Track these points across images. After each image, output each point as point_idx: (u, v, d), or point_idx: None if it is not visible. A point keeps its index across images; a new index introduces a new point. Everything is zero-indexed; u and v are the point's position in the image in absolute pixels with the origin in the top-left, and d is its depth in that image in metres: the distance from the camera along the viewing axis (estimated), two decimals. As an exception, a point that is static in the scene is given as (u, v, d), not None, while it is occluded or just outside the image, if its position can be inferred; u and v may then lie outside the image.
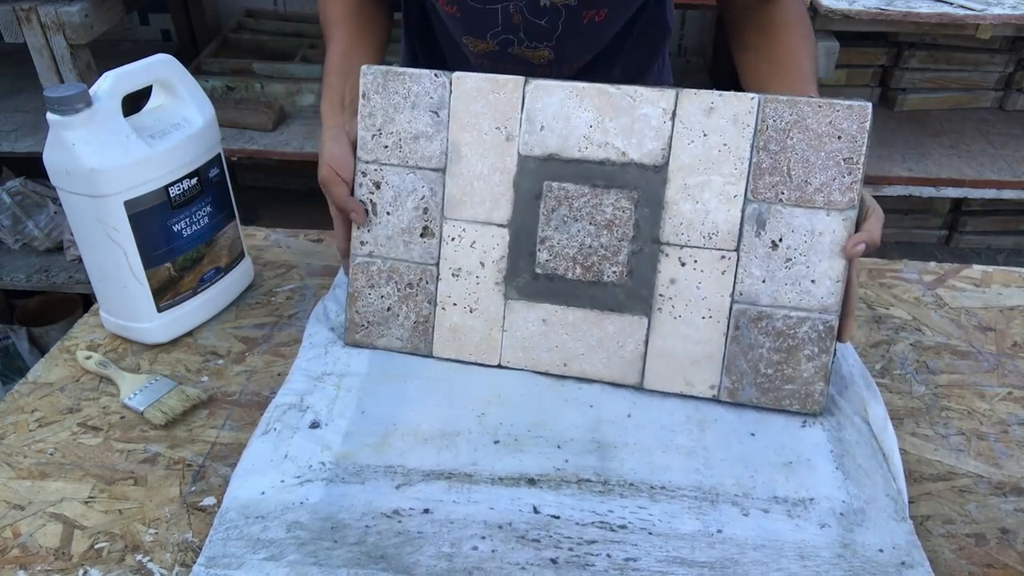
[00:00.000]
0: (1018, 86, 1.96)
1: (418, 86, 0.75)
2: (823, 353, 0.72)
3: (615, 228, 0.73)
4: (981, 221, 2.07)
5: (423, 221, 0.77)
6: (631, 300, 0.75)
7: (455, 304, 0.78)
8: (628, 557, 0.61)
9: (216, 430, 0.74)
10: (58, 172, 0.75)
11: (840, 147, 0.69)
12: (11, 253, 1.85)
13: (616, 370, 0.76)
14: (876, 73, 1.96)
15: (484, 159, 0.75)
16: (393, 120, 0.76)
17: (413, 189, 0.77)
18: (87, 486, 0.68)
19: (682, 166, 0.71)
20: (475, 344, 0.78)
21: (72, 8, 1.47)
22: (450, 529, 0.63)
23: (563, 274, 0.75)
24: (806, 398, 0.73)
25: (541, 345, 0.77)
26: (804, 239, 0.70)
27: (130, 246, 0.78)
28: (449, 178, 0.76)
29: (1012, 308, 0.91)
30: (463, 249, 0.77)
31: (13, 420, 0.75)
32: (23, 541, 0.63)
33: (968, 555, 0.63)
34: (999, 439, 0.74)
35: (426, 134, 0.76)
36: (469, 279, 0.77)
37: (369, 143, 0.77)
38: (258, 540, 0.62)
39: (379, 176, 0.77)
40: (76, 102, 0.72)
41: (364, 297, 0.80)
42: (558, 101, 0.73)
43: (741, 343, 0.73)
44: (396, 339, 0.80)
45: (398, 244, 0.78)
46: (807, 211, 0.70)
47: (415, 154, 0.76)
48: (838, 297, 0.71)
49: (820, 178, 0.69)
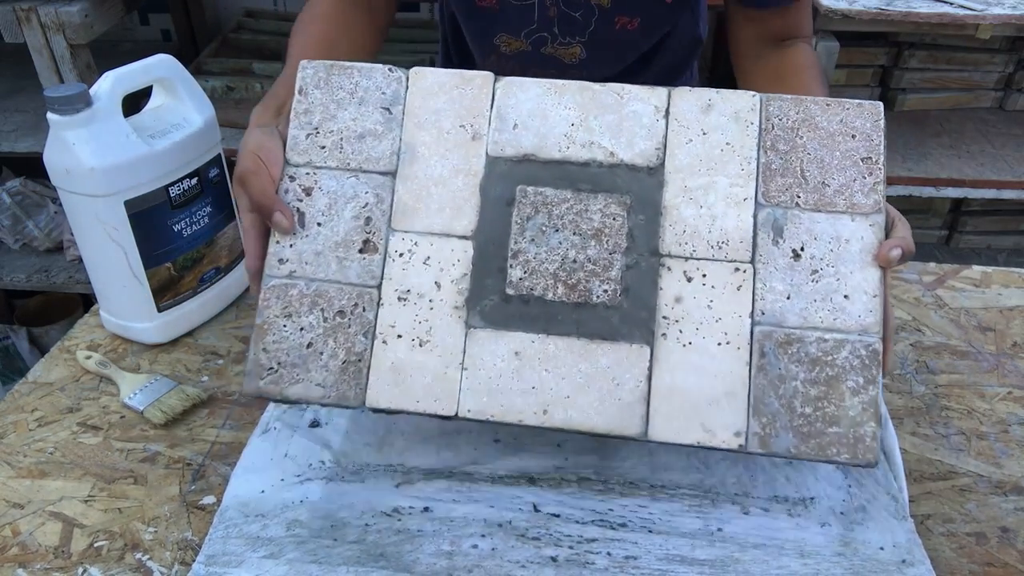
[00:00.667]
0: (1018, 86, 1.96)
1: (368, 80, 0.67)
2: (869, 385, 0.60)
3: (605, 238, 0.63)
4: (981, 221, 2.07)
5: (364, 233, 0.64)
6: (628, 325, 0.62)
7: (400, 336, 0.63)
8: (628, 555, 0.61)
9: (216, 429, 0.74)
10: (58, 172, 0.75)
11: (856, 146, 0.63)
12: (11, 253, 1.85)
13: (612, 417, 0.61)
14: (876, 73, 1.96)
15: (445, 160, 0.65)
16: (334, 117, 0.66)
17: (354, 195, 0.65)
18: (87, 485, 0.68)
19: (680, 167, 0.64)
20: (424, 388, 0.62)
21: (72, 8, 1.47)
22: (450, 527, 0.63)
23: (541, 295, 0.63)
24: (855, 444, 0.59)
25: (513, 387, 0.61)
26: (830, 247, 0.62)
27: (130, 246, 0.78)
28: (400, 182, 0.65)
29: (1012, 308, 0.91)
30: (414, 266, 0.64)
31: (13, 419, 0.75)
32: (23, 539, 0.63)
33: (968, 554, 0.63)
34: (999, 439, 0.74)
35: (374, 132, 0.66)
36: (420, 303, 0.63)
37: (302, 143, 0.66)
38: (258, 538, 0.62)
39: (311, 181, 0.65)
40: (76, 102, 0.72)
41: (277, 330, 0.63)
42: (534, 97, 0.65)
43: (769, 375, 0.60)
44: (316, 385, 0.62)
45: (329, 261, 0.64)
46: (829, 216, 0.62)
47: (359, 155, 0.66)
48: (878, 315, 0.61)
49: (839, 179, 0.63)
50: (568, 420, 0.61)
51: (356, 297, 0.64)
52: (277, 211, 0.63)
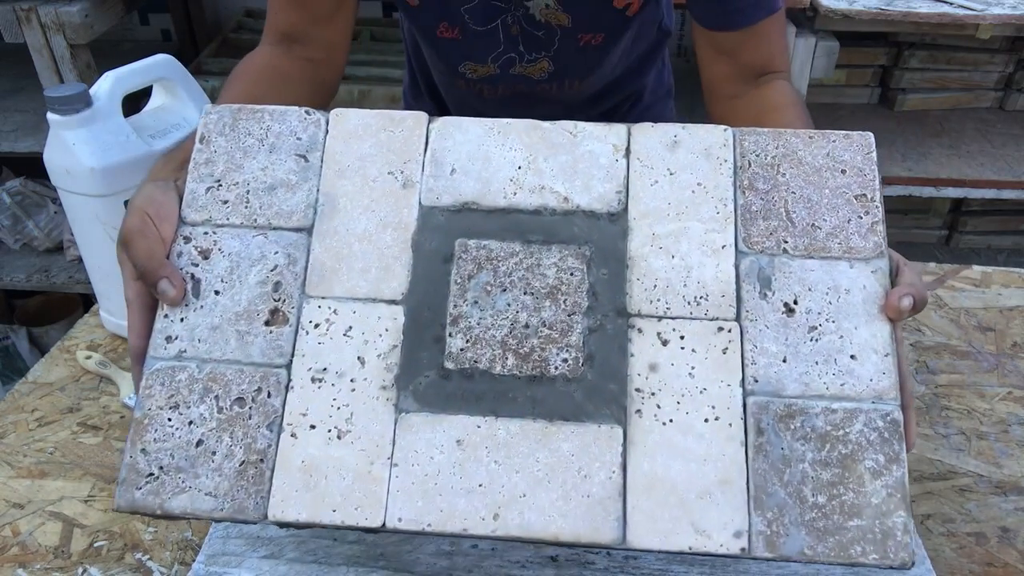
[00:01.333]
0: (1018, 86, 1.96)
1: (281, 125, 0.59)
2: (893, 464, 0.50)
3: (561, 297, 0.54)
4: (981, 221, 2.07)
5: (272, 301, 0.55)
6: (594, 402, 0.52)
7: (313, 427, 0.52)
8: (628, 555, 0.61)
9: (216, 429, 0.74)
10: (58, 172, 0.75)
11: (847, 182, 0.56)
12: (11, 253, 1.85)
13: (580, 519, 0.49)
14: (876, 73, 1.96)
15: (370, 212, 0.56)
16: (240, 167, 0.58)
17: (261, 256, 0.55)
18: (87, 485, 0.68)
19: (647, 212, 0.56)
20: (343, 492, 0.50)
21: (72, 8, 1.47)
22: (450, 528, 0.62)
23: (488, 368, 0.53)
24: (884, 540, 0.48)
25: (455, 485, 0.50)
26: (827, 299, 0.53)
27: (130, 245, 0.78)
28: (317, 240, 0.56)
29: (1012, 308, 0.91)
30: (332, 340, 0.54)
31: (13, 419, 0.75)
32: (23, 539, 0.64)
33: (969, 554, 0.63)
34: (999, 439, 0.74)
35: (287, 183, 0.57)
36: (340, 384, 0.53)
37: (201, 197, 0.57)
38: (258, 538, 0.62)
39: (210, 241, 0.56)
40: (76, 102, 0.72)
41: (159, 426, 0.52)
42: (474, 139, 0.58)
43: (771, 457, 0.50)
44: (206, 495, 0.51)
45: (228, 337, 0.54)
46: (823, 262, 0.54)
47: (268, 209, 0.57)
48: (893, 378, 0.52)
49: (831, 221, 0.55)
50: (525, 525, 0.50)
51: (260, 380, 0.53)
52: (163, 277, 0.53)
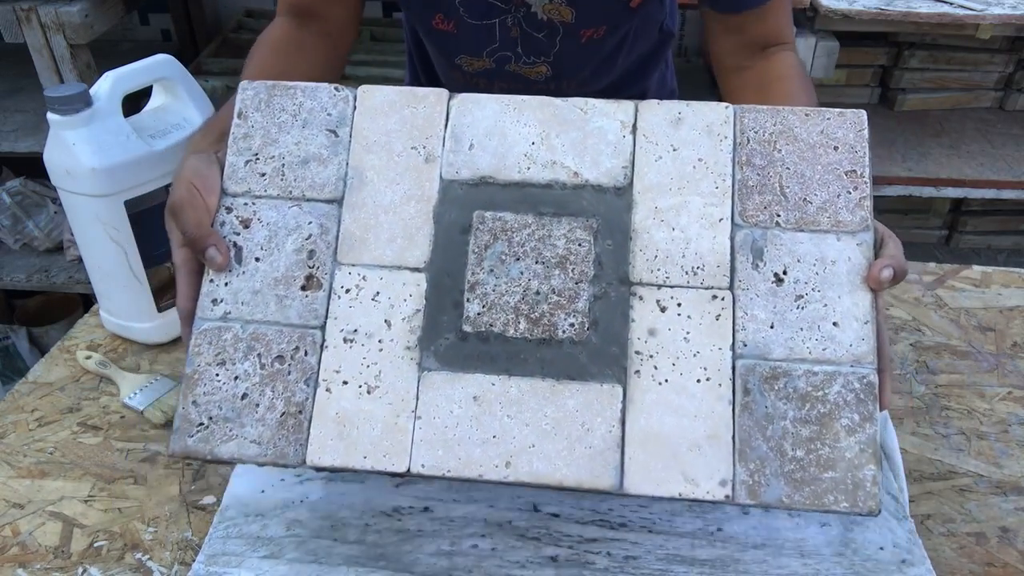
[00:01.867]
0: (1018, 86, 1.96)
1: (312, 101, 0.62)
2: (866, 422, 0.54)
3: (570, 267, 0.58)
4: (981, 221, 2.07)
5: (307, 268, 0.59)
6: (598, 362, 0.56)
7: (346, 383, 0.57)
8: (628, 555, 0.61)
9: (216, 429, 0.74)
10: (58, 172, 0.75)
11: (839, 158, 0.59)
12: (11, 253, 1.85)
13: (583, 467, 0.55)
14: (876, 73, 1.96)
15: (395, 185, 0.60)
16: (276, 142, 0.62)
17: (296, 226, 0.60)
18: (87, 485, 0.68)
19: (650, 186, 0.59)
20: (373, 441, 0.56)
21: (72, 8, 1.47)
22: (450, 527, 0.63)
23: (502, 331, 0.57)
24: (854, 490, 0.53)
25: (472, 436, 0.56)
26: (814, 270, 0.57)
27: (130, 246, 0.78)
28: (347, 211, 0.60)
29: (1012, 308, 0.91)
30: (362, 304, 0.59)
31: (13, 419, 0.75)
32: (23, 539, 0.64)
33: (969, 554, 0.63)
34: (999, 439, 0.74)
35: (319, 157, 0.61)
36: (369, 345, 0.58)
37: (240, 170, 0.61)
38: (258, 538, 0.62)
39: (250, 212, 0.60)
40: (76, 102, 0.72)
41: (208, 380, 0.57)
42: (491, 115, 0.61)
43: (755, 414, 0.55)
44: (251, 442, 0.56)
45: (268, 300, 0.59)
46: (812, 235, 0.58)
47: (302, 182, 0.61)
48: (871, 343, 0.56)
49: (821, 195, 0.58)
50: (534, 472, 0.55)
51: (297, 340, 0.58)
52: (211, 245, 0.58)
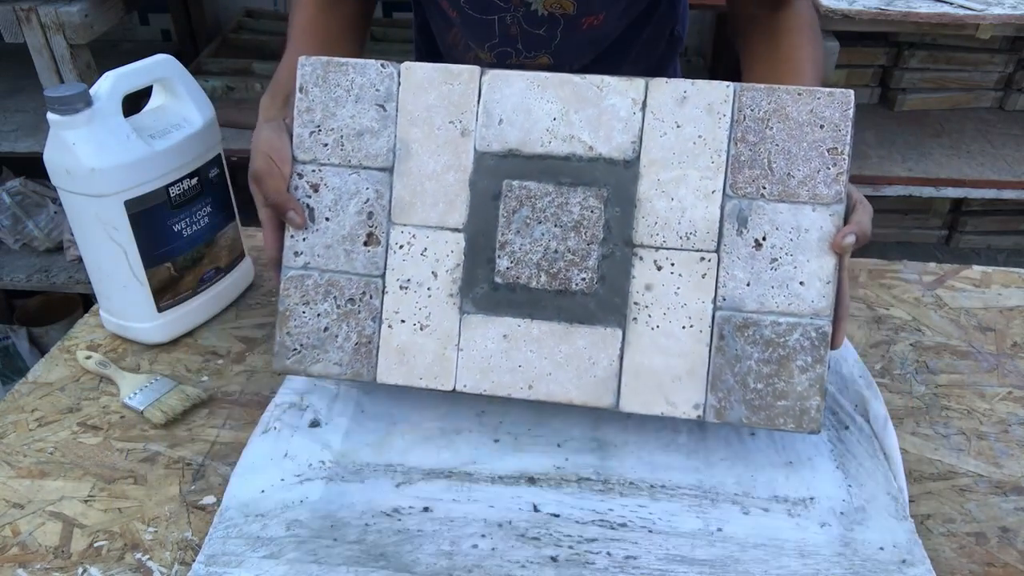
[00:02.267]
0: (1018, 86, 1.96)
1: (363, 77, 0.69)
2: (817, 363, 0.65)
3: (583, 230, 0.67)
4: (981, 221, 2.07)
5: (367, 227, 0.69)
6: (603, 310, 0.67)
7: (403, 321, 0.69)
8: (628, 555, 0.61)
9: (216, 429, 0.74)
10: (58, 172, 0.75)
11: (823, 136, 0.64)
12: (11, 253, 1.85)
13: (588, 391, 0.67)
14: (876, 73, 1.96)
15: (437, 157, 0.68)
16: (334, 115, 0.69)
17: (356, 191, 0.69)
18: (87, 485, 0.68)
19: (654, 160, 0.66)
20: (426, 367, 0.69)
21: (72, 8, 1.47)
22: (450, 527, 0.63)
23: (526, 283, 0.68)
24: (801, 415, 0.65)
25: (502, 365, 0.68)
26: (789, 237, 0.65)
27: (130, 246, 0.78)
28: (397, 178, 0.69)
29: (1012, 308, 0.91)
30: (413, 258, 0.69)
31: (13, 419, 0.75)
32: (23, 539, 0.63)
33: (969, 554, 0.63)
34: (999, 439, 0.74)
35: (372, 130, 0.69)
36: (420, 292, 0.69)
37: (306, 141, 0.70)
38: (258, 538, 0.62)
39: (317, 177, 0.70)
40: (76, 102, 0.72)
41: (298, 316, 0.70)
42: (519, 92, 0.67)
43: (727, 354, 0.66)
44: (334, 364, 0.70)
45: (338, 254, 0.70)
46: (791, 206, 0.65)
47: (359, 152, 0.69)
48: (830, 300, 0.65)
49: (803, 170, 0.65)
50: (550, 393, 0.68)
51: (364, 286, 0.70)
52: (291, 209, 0.68)
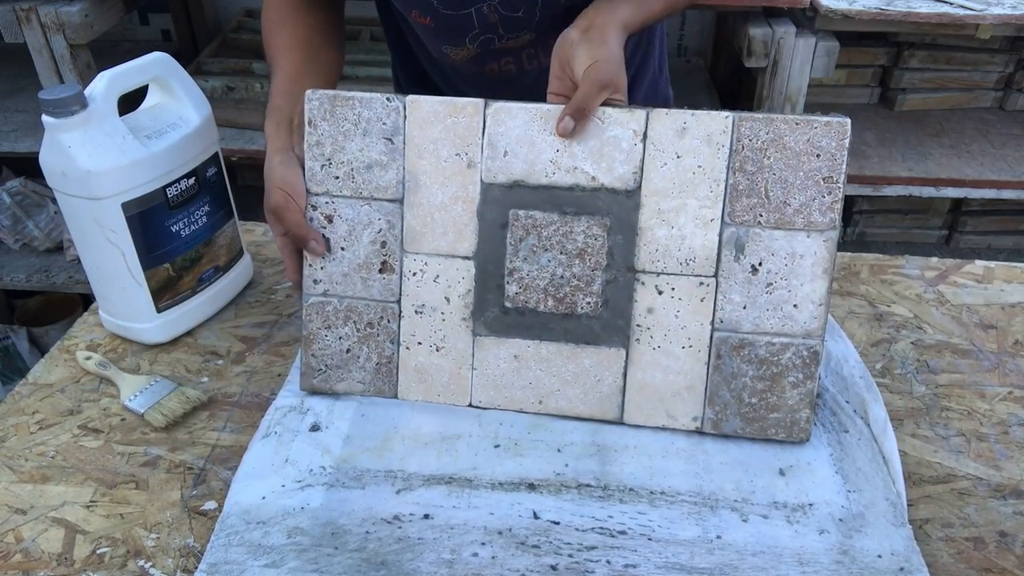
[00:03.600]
0: (1018, 86, 1.95)
1: (369, 111, 0.70)
2: (808, 380, 0.69)
3: (587, 257, 0.70)
4: (981, 221, 2.06)
5: (381, 256, 0.72)
6: (607, 332, 0.71)
7: (420, 343, 0.74)
8: (628, 563, 0.61)
9: (216, 432, 0.74)
10: (54, 174, 0.75)
11: (819, 165, 0.66)
12: (11, 253, 1.84)
13: (594, 405, 0.73)
14: (876, 73, 1.96)
15: (445, 188, 0.70)
16: (343, 148, 0.71)
17: (369, 222, 0.72)
18: (88, 490, 0.68)
19: (655, 190, 0.68)
20: (443, 384, 0.74)
21: (72, 8, 1.47)
22: (450, 535, 0.63)
23: (534, 307, 0.71)
24: (791, 426, 0.70)
25: (514, 383, 0.73)
26: (785, 262, 0.68)
27: (128, 247, 0.78)
28: (408, 209, 0.71)
29: (1014, 305, 0.91)
30: (426, 284, 0.72)
31: (14, 422, 0.75)
32: (25, 546, 0.63)
33: (967, 559, 0.63)
34: (999, 440, 0.74)
35: (380, 163, 0.71)
36: (434, 316, 0.73)
37: (318, 174, 0.72)
38: (259, 546, 0.62)
39: (331, 209, 0.72)
40: (71, 104, 0.72)
41: (320, 340, 0.74)
42: (522, 124, 0.69)
43: (723, 372, 0.70)
44: (358, 382, 0.75)
45: (355, 281, 0.73)
46: (787, 233, 0.67)
47: (369, 184, 0.71)
48: (821, 321, 0.68)
49: (799, 199, 0.67)
50: (559, 408, 0.73)
51: (381, 311, 0.74)
52: (311, 239, 0.72)
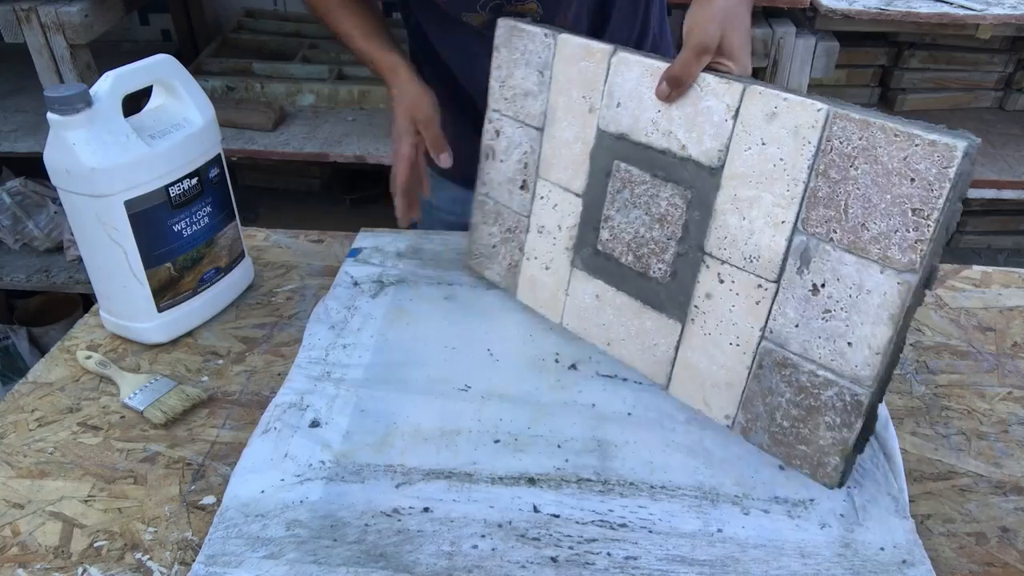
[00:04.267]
0: (1018, 86, 1.96)
1: (532, 43, 0.77)
2: (845, 427, 0.63)
3: (666, 225, 0.71)
4: (981, 221, 2.07)
5: (523, 175, 0.82)
6: (670, 302, 0.73)
7: (536, 258, 0.83)
8: (628, 556, 0.61)
9: (216, 429, 0.74)
10: (58, 172, 0.75)
11: (911, 192, 0.55)
12: (11, 253, 1.84)
13: (648, 366, 0.76)
14: (876, 73, 1.96)
15: (571, 127, 0.76)
16: (512, 75, 0.79)
17: (519, 143, 0.81)
18: (87, 485, 0.68)
19: (735, 174, 0.65)
20: (545, 299, 0.84)
21: (72, 8, 1.47)
22: (450, 528, 0.63)
23: (618, 257, 0.76)
24: (818, 467, 0.65)
25: (593, 318, 0.79)
26: (849, 292, 0.60)
27: (130, 246, 0.78)
28: (544, 139, 0.79)
29: (1012, 308, 0.91)
30: (547, 209, 0.81)
31: (13, 419, 0.75)
32: (23, 540, 0.63)
33: (969, 554, 0.63)
34: (999, 438, 0.74)
35: (533, 92, 0.78)
36: (548, 239, 0.82)
37: (496, 92, 0.82)
38: (258, 538, 0.62)
39: (500, 125, 0.82)
40: (76, 102, 0.72)
41: (479, 230, 0.88)
42: (635, 78, 0.70)
43: (762, 383, 0.67)
44: (496, 274, 0.88)
45: (504, 191, 0.84)
46: (859, 260, 0.59)
47: (524, 110, 0.80)
48: (876, 371, 0.60)
49: (880, 225, 0.57)
50: (621, 355, 0.79)
51: (516, 221, 0.85)
52: (445, 151, 0.85)
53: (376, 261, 0.95)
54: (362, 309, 0.86)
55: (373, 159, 1.68)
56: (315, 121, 1.79)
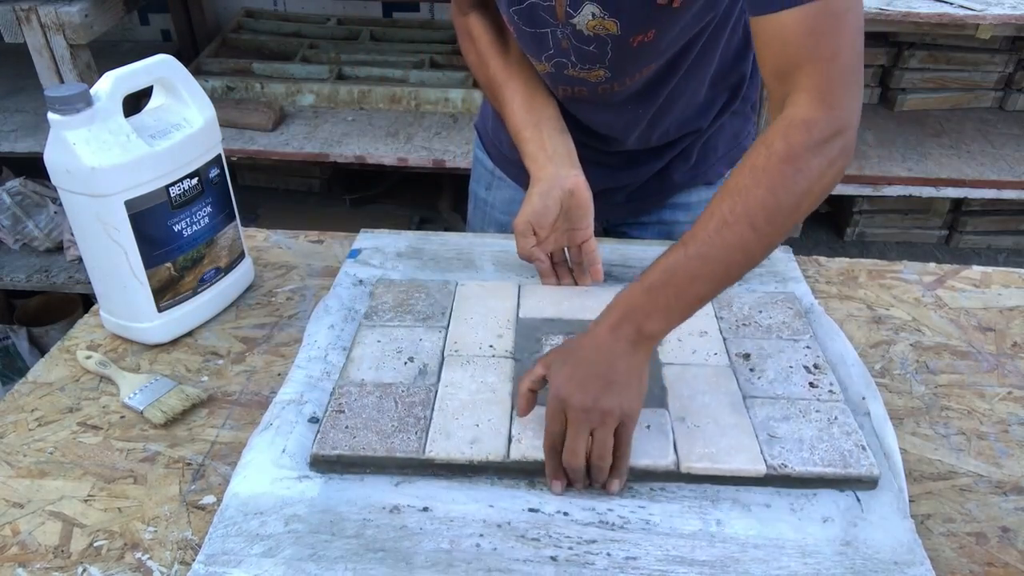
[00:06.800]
0: (1018, 86, 1.96)
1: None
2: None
3: None
4: (981, 221, 2.07)
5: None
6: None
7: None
8: (628, 556, 0.61)
9: (216, 429, 0.74)
10: (59, 172, 0.75)
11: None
12: (11, 253, 1.84)
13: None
14: (876, 73, 1.96)
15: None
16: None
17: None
18: (87, 484, 0.68)
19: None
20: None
21: (72, 8, 1.47)
22: (449, 527, 0.63)
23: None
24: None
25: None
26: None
27: (130, 246, 0.78)
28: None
29: (1011, 309, 0.91)
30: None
31: (13, 419, 0.75)
32: (22, 539, 0.63)
33: (969, 553, 0.63)
34: (999, 438, 0.74)
35: None
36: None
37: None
38: (256, 535, 0.62)
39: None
40: (77, 102, 0.72)
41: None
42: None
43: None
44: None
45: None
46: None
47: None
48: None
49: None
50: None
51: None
52: (538, 260, 0.89)
53: (376, 262, 0.95)
54: (362, 310, 0.86)
55: (373, 159, 1.68)
56: (315, 121, 1.79)
